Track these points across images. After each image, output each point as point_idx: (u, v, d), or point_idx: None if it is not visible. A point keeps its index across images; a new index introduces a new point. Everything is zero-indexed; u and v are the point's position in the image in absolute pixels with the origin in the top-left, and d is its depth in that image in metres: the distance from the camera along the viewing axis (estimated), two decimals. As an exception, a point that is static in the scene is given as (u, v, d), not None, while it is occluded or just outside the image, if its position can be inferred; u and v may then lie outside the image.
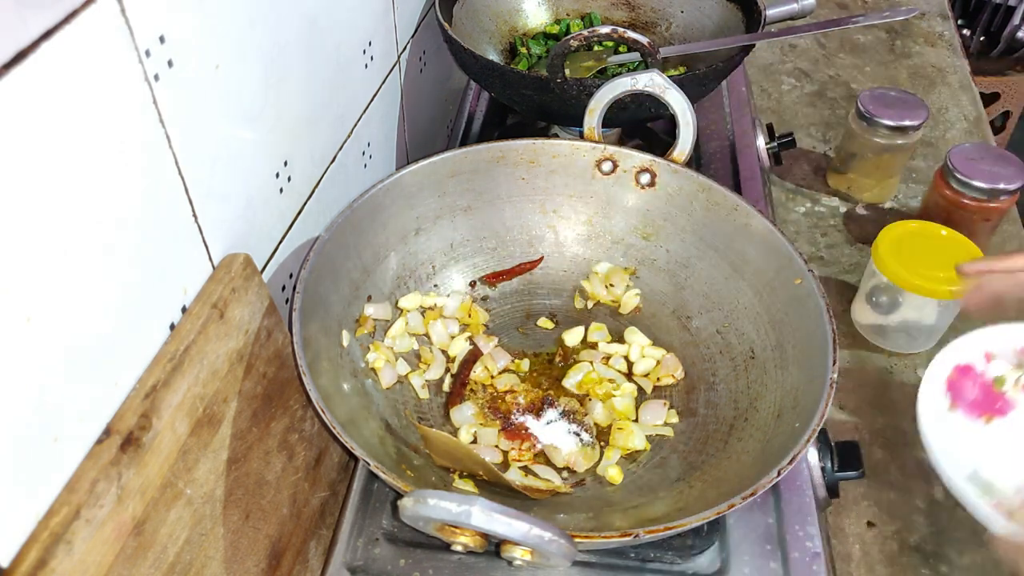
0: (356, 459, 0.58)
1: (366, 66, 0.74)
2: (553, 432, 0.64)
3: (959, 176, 0.89)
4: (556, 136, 0.90)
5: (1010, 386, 0.69)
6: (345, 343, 0.63)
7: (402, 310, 0.69)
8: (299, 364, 0.53)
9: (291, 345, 0.55)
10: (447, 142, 1.03)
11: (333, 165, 0.70)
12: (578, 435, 0.63)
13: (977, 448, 0.66)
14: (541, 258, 0.75)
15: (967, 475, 0.64)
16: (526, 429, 0.64)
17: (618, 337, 0.71)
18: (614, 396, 0.66)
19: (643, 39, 0.80)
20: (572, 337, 0.71)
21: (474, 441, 0.63)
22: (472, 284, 0.74)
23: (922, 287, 0.81)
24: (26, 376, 0.36)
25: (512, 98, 0.86)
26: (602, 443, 0.64)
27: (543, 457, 0.63)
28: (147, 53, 0.42)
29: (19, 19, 0.33)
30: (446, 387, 0.67)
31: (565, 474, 0.62)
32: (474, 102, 1.01)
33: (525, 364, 0.69)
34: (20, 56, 0.33)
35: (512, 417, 0.64)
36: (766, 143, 0.99)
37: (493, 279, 0.74)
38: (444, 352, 0.69)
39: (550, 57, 0.80)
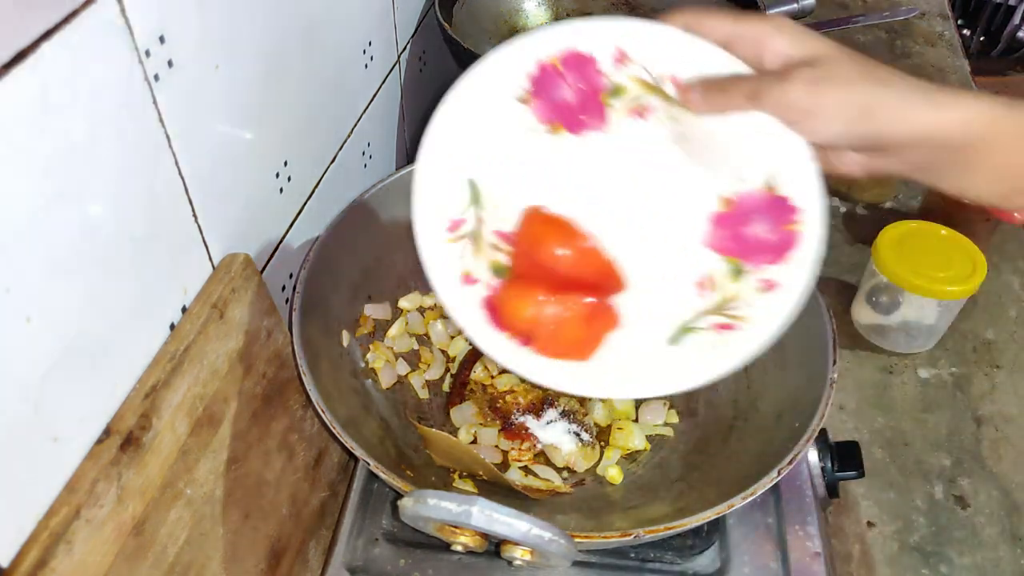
0: (356, 459, 0.58)
1: (366, 66, 0.74)
2: (553, 432, 0.64)
3: (959, 176, 0.89)
4: (556, 136, 0.90)
5: (622, 104, 0.47)
6: (345, 343, 0.63)
7: (402, 310, 0.69)
8: (299, 364, 0.53)
9: (291, 345, 0.55)
10: (447, 142, 1.03)
11: (333, 165, 0.70)
12: (578, 435, 0.63)
13: (512, 152, 0.48)
14: None
15: (467, 177, 0.49)
16: (526, 429, 0.64)
17: (618, 337, 0.71)
18: None
19: (643, 39, 0.80)
20: None
21: (474, 441, 0.63)
22: None
23: (922, 287, 0.81)
24: (26, 376, 0.36)
25: (512, 98, 0.86)
26: (602, 443, 0.64)
27: (543, 457, 0.63)
28: (147, 53, 0.42)
29: (19, 19, 0.33)
30: (446, 387, 0.67)
31: (565, 474, 0.62)
32: (474, 102, 1.00)
33: None
34: (20, 56, 0.33)
35: (512, 417, 0.64)
36: (766, 143, 0.98)
37: None
38: (444, 352, 0.69)
39: (550, 57, 0.80)
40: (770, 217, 0.46)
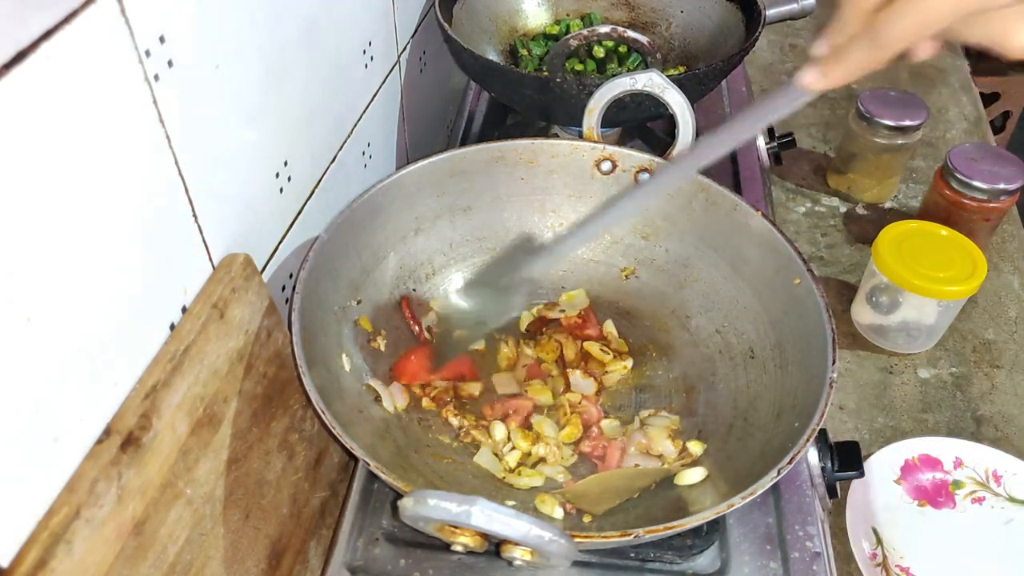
0: (356, 459, 0.58)
1: (366, 66, 0.74)
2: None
3: (959, 176, 0.89)
4: (556, 136, 0.90)
5: (964, 493, 0.77)
6: (344, 343, 0.63)
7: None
8: (299, 364, 0.53)
9: (291, 345, 0.55)
10: (447, 142, 1.03)
11: (333, 165, 0.70)
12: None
13: (895, 516, 0.76)
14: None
15: (870, 527, 0.75)
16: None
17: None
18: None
19: (643, 39, 0.80)
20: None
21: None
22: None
23: (922, 287, 0.81)
24: (26, 376, 0.36)
25: (512, 98, 0.86)
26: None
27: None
28: (147, 53, 0.42)
29: (19, 19, 0.33)
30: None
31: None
32: (474, 102, 1.01)
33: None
34: (20, 56, 0.33)
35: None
36: (766, 143, 0.99)
37: None
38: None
39: (550, 57, 0.80)
40: None
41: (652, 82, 0.68)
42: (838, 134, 1.17)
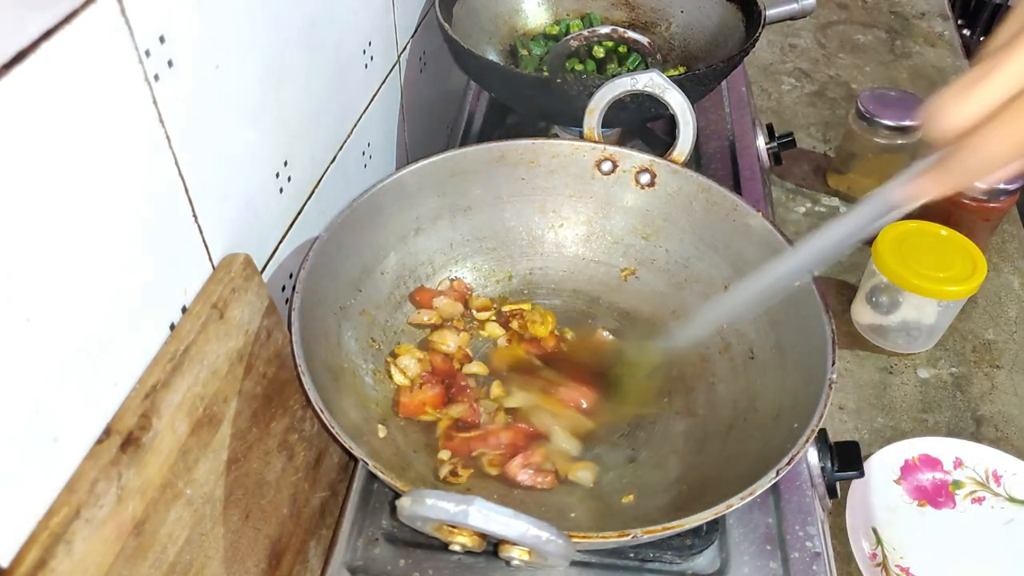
0: (356, 459, 0.58)
1: (366, 66, 0.74)
2: None
3: (959, 176, 0.89)
4: (556, 136, 0.90)
5: (964, 493, 0.78)
6: (344, 343, 0.63)
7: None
8: (299, 364, 0.53)
9: (291, 345, 0.55)
10: (447, 142, 1.03)
11: (333, 165, 0.70)
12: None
13: (896, 516, 0.76)
14: None
15: (870, 527, 0.75)
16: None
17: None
18: None
19: (643, 39, 0.80)
20: None
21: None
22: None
23: (922, 287, 0.81)
24: (26, 376, 0.36)
25: (512, 98, 0.86)
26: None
27: None
28: (147, 53, 0.42)
29: (19, 19, 0.33)
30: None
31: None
32: (474, 102, 1.01)
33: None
34: (20, 56, 0.33)
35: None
36: (766, 143, 0.99)
37: None
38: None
39: (550, 57, 0.80)
40: None
41: (653, 82, 0.68)
42: (838, 134, 1.17)
